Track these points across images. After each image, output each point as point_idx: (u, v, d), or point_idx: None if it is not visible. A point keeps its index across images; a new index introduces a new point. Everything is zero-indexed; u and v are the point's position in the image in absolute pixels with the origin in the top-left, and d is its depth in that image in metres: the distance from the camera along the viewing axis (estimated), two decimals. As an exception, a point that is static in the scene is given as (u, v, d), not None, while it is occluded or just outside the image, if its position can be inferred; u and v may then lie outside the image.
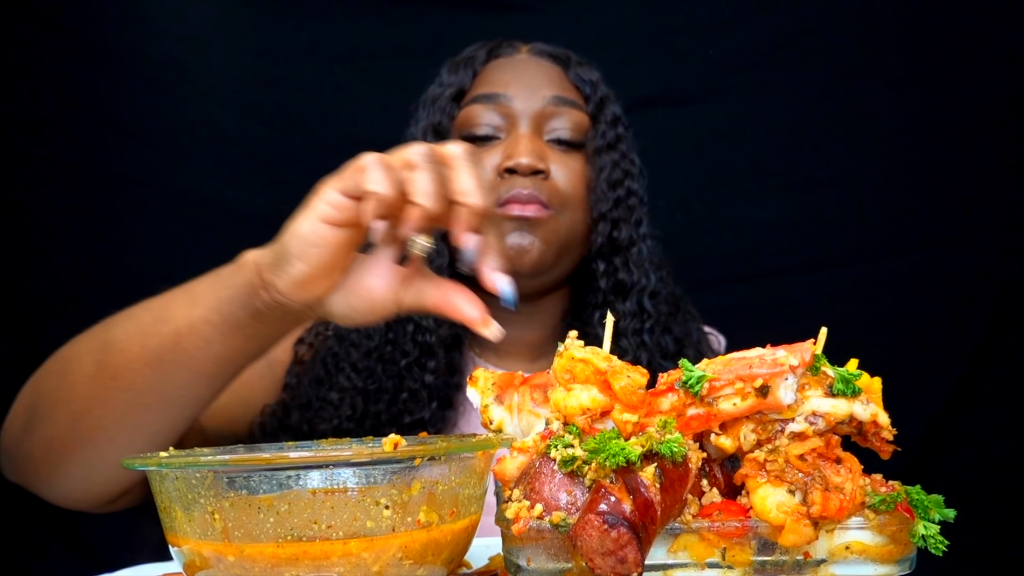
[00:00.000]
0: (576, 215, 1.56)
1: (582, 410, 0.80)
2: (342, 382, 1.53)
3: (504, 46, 1.65)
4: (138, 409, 1.18)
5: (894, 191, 2.27)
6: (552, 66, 1.62)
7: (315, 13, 2.22)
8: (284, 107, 2.22)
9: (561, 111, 1.56)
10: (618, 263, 1.60)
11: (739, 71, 2.25)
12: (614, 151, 1.60)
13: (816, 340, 0.82)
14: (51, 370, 1.28)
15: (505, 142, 1.55)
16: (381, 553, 0.76)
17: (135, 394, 1.17)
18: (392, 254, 1.11)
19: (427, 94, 1.65)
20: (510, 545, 0.76)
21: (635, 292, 1.60)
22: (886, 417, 0.81)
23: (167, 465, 0.77)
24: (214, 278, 1.15)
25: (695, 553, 0.76)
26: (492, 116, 1.56)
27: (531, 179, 1.50)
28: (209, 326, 1.12)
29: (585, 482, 0.72)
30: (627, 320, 1.59)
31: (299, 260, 1.04)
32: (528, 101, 1.56)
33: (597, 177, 1.58)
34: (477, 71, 1.62)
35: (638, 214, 1.62)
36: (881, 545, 0.77)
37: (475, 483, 0.83)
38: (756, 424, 0.80)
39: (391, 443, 0.77)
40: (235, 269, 1.12)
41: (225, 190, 2.18)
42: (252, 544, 0.75)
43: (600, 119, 1.60)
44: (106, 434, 1.20)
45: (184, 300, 1.15)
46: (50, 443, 1.23)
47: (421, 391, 1.53)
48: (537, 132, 1.56)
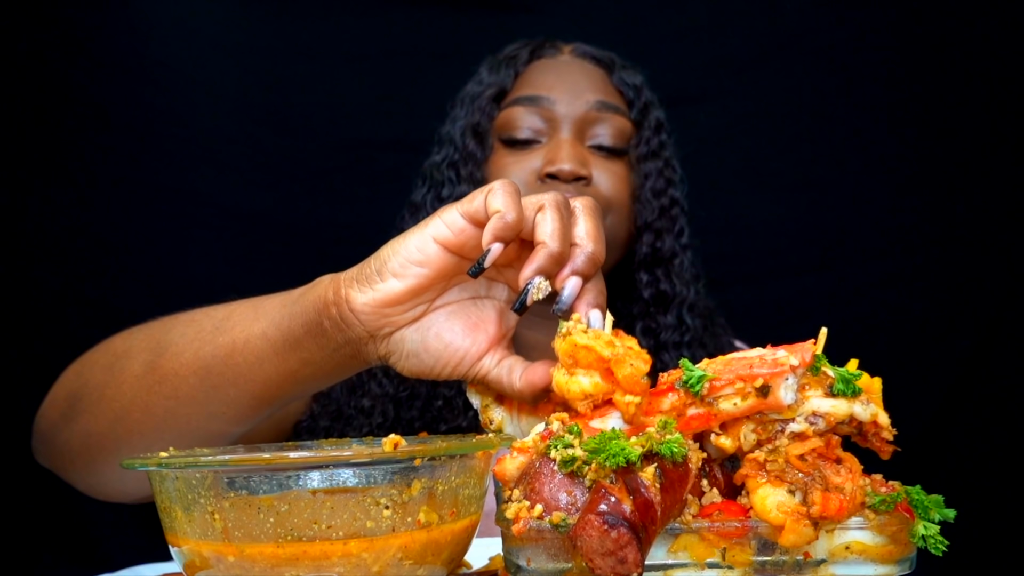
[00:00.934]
0: (618, 221, 1.54)
1: (583, 395, 0.80)
2: (374, 388, 1.51)
3: (547, 46, 1.61)
4: (179, 419, 1.13)
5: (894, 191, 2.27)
6: (596, 69, 1.59)
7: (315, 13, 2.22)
8: (284, 107, 2.22)
9: (604, 116, 1.54)
10: (660, 274, 1.57)
11: (739, 71, 2.25)
12: (658, 159, 1.57)
13: (816, 340, 0.82)
14: (99, 363, 1.23)
15: (547, 146, 1.52)
16: (381, 553, 0.76)
17: (178, 403, 1.12)
18: (499, 294, 1.01)
19: (465, 92, 1.61)
20: (510, 545, 0.76)
21: (676, 304, 1.57)
22: (886, 417, 0.81)
23: (167, 465, 0.77)
24: (284, 295, 1.07)
25: (695, 553, 0.76)
26: (534, 119, 1.53)
27: (572, 185, 1.47)
28: (265, 341, 1.04)
29: (585, 482, 0.72)
30: (668, 333, 1.56)
31: (395, 277, 0.93)
32: (571, 105, 1.53)
33: (642, 185, 1.55)
34: (519, 71, 1.59)
35: (680, 224, 1.59)
36: (881, 545, 0.77)
37: (475, 483, 0.83)
38: (756, 424, 0.80)
39: (391, 443, 0.77)
40: (308, 288, 1.03)
41: (225, 190, 2.18)
42: (252, 544, 0.75)
43: (644, 125, 1.57)
44: (144, 440, 1.16)
45: (247, 312, 1.08)
46: (88, 438, 1.20)
47: (456, 398, 1.49)
48: (579, 137, 1.53)
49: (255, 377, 1.06)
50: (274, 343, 1.03)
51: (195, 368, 1.10)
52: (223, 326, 1.09)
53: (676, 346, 1.57)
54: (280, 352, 1.03)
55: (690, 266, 1.61)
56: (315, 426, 1.51)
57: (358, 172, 2.19)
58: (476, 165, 1.56)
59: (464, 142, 1.56)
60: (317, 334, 0.99)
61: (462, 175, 1.55)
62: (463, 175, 1.55)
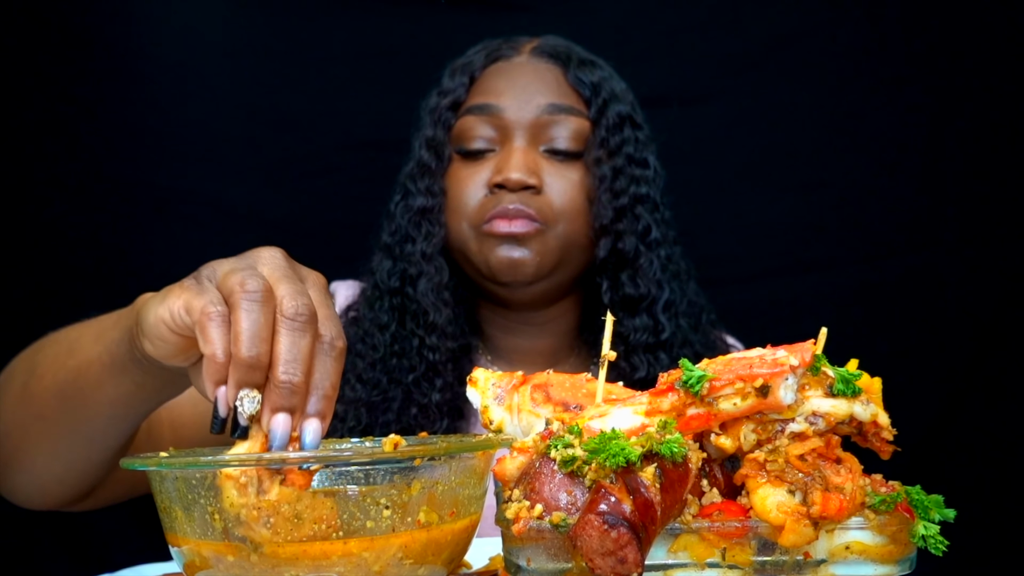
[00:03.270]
0: (573, 228, 1.50)
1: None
2: (347, 393, 1.50)
3: (505, 48, 1.58)
4: (50, 438, 1.15)
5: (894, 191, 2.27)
6: (551, 68, 1.55)
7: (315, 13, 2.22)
8: (284, 107, 2.22)
9: (557, 119, 1.50)
10: (624, 277, 1.52)
11: (739, 71, 2.25)
12: (617, 157, 1.52)
13: (816, 340, 0.82)
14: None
15: (498, 156, 1.50)
16: (381, 553, 0.76)
17: (47, 424, 1.14)
18: None
19: (427, 102, 1.60)
20: (510, 545, 0.76)
21: (646, 306, 1.53)
22: (886, 417, 0.81)
23: (167, 465, 0.77)
24: (116, 316, 1.04)
25: (695, 553, 0.76)
26: (485, 128, 1.51)
27: (519, 195, 1.46)
28: (101, 367, 1.03)
29: (585, 482, 0.72)
30: (638, 335, 1.52)
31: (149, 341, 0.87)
32: (521, 111, 1.49)
33: (598, 187, 1.50)
34: (475, 77, 1.56)
35: (645, 222, 1.53)
36: (881, 545, 0.77)
37: (475, 483, 0.83)
38: (756, 424, 0.80)
39: (391, 443, 0.77)
40: (129, 311, 0.97)
41: (225, 190, 2.17)
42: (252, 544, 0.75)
43: (602, 123, 1.52)
44: (27, 456, 1.19)
45: (91, 335, 1.08)
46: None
47: (431, 407, 1.49)
48: (532, 143, 1.50)
49: (100, 399, 1.06)
50: (108, 368, 1.02)
51: (55, 391, 1.11)
52: (72, 348, 1.10)
53: (651, 348, 1.52)
54: (115, 376, 1.02)
55: (665, 264, 1.55)
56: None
57: (358, 172, 2.19)
58: (433, 177, 1.55)
59: (421, 154, 1.56)
60: (138, 363, 0.95)
61: (420, 187, 1.55)
62: (421, 187, 1.55)
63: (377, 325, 1.54)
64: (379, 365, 1.52)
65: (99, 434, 1.13)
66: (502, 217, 1.46)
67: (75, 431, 1.13)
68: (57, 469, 1.19)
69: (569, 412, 0.86)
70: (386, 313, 1.54)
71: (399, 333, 1.52)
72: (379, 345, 1.53)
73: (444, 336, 1.51)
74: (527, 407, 0.93)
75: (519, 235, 1.45)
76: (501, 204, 1.46)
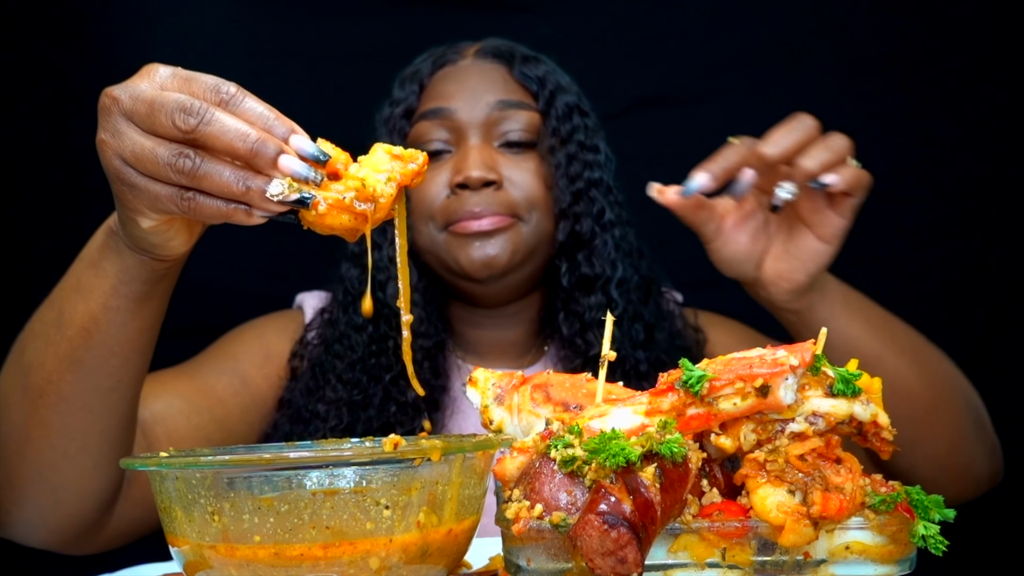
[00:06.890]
0: (541, 215, 1.55)
1: None
2: (329, 394, 1.53)
3: (449, 53, 1.62)
4: (77, 414, 1.15)
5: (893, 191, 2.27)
6: (497, 67, 1.59)
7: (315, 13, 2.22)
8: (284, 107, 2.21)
9: (508, 114, 1.54)
10: (581, 258, 1.58)
11: (739, 71, 2.25)
12: (569, 144, 1.57)
13: (816, 340, 0.82)
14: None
15: (455, 156, 1.54)
16: (381, 553, 0.76)
17: (67, 403, 1.14)
18: None
19: (380, 114, 1.63)
20: (510, 545, 0.76)
21: (600, 284, 1.58)
22: (886, 417, 0.81)
23: (167, 465, 0.77)
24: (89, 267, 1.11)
25: (695, 553, 0.76)
26: (440, 131, 1.55)
27: (481, 194, 1.49)
28: (115, 312, 1.09)
29: (585, 482, 0.72)
30: (593, 312, 1.57)
31: (145, 217, 0.99)
32: (472, 111, 1.54)
33: (554, 174, 1.56)
34: (424, 84, 1.60)
35: (600, 204, 1.59)
36: (881, 545, 0.77)
37: (475, 483, 0.83)
38: (756, 424, 0.80)
39: (391, 443, 0.77)
40: (110, 251, 1.08)
41: (224, 190, 2.17)
42: (252, 544, 0.75)
43: (551, 114, 1.57)
44: (56, 451, 1.17)
45: (74, 298, 1.11)
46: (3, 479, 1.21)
47: (409, 404, 1.53)
48: (487, 140, 1.54)
49: (125, 338, 1.11)
50: (125, 309, 1.09)
51: (65, 367, 1.12)
52: (61, 321, 1.12)
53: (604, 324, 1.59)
54: (135, 311, 1.09)
55: (618, 243, 1.61)
56: (276, 434, 1.55)
57: (358, 172, 2.19)
58: None
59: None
60: (160, 278, 1.08)
61: None
62: None
63: (353, 327, 1.58)
64: (358, 365, 1.55)
65: (128, 376, 1.15)
66: (469, 219, 1.50)
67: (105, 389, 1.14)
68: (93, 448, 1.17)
69: (569, 412, 0.86)
70: (360, 316, 1.58)
71: (375, 334, 1.56)
72: (357, 346, 1.56)
73: (417, 336, 1.55)
74: (527, 407, 0.93)
75: (489, 230, 1.49)
76: (466, 206, 1.50)
